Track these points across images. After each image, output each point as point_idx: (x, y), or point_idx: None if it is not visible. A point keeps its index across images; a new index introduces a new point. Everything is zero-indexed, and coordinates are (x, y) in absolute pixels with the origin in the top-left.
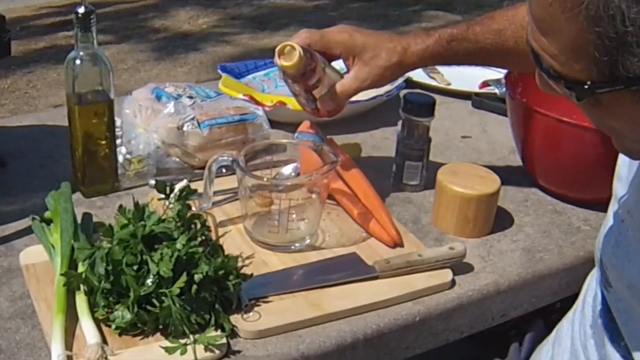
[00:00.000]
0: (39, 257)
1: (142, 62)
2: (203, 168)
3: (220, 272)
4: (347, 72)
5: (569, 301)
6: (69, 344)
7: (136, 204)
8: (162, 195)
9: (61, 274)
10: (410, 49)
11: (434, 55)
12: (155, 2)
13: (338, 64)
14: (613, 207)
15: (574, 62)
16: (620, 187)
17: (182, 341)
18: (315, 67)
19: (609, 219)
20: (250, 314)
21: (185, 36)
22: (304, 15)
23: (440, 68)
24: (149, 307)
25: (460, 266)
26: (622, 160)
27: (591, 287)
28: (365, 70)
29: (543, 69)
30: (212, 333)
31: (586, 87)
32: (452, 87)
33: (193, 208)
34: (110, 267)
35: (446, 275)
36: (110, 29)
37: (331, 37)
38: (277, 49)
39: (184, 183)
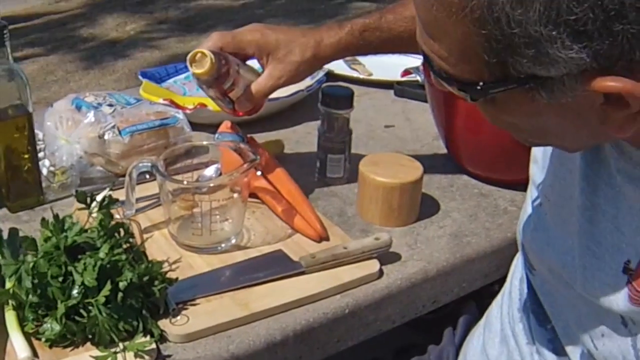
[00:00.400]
0: None
1: (72, 72)
2: None
3: (145, 278)
4: (263, 71)
5: (503, 283)
6: None
7: (56, 216)
8: (83, 206)
9: None
10: (323, 42)
11: (348, 47)
12: (83, 11)
13: (256, 64)
14: (531, 191)
15: (464, 63)
16: (536, 170)
17: (112, 349)
18: (228, 70)
19: (527, 204)
20: (178, 317)
21: (114, 44)
22: (231, 15)
23: (361, 59)
24: (77, 318)
25: (387, 256)
26: None
27: (518, 269)
28: (279, 68)
29: (434, 71)
30: (141, 339)
31: (479, 87)
32: (374, 77)
33: (117, 216)
34: (36, 281)
35: (373, 265)
36: (38, 41)
37: (243, 37)
38: (188, 57)
39: (105, 192)
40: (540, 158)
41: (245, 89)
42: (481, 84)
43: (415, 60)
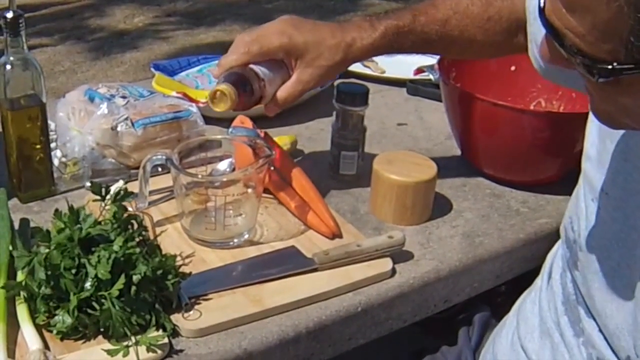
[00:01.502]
0: None
1: (79, 63)
2: (139, 168)
3: (159, 272)
4: (291, 73)
5: (513, 284)
6: (11, 352)
7: (70, 208)
8: (98, 198)
9: (1, 287)
10: (355, 44)
11: (378, 49)
12: (92, 2)
13: None
14: (583, 188)
15: (603, 43)
16: (590, 166)
17: (124, 343)
18: (252, 90)
19: (580, 201)
20: (191, 312)
21: (122, 35)
22: (239, 9)
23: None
24: (89, 311)
25: (400, 254)
26: (591, 140)
27: (556, 264)
28: (308, 72)
29: (564, 47)
30: (153, 333)
31: (610, 67)
32: (386, 74)
33: (130, 208)
34: (49, 272)
35: (386, 264)
36: (46, 31)
37: (270, 44)
38: (208, 95)
39: (119, 184)
40: (594, 154)
41: (272, 95)
42: (615, 64)
43: (428, 59)
